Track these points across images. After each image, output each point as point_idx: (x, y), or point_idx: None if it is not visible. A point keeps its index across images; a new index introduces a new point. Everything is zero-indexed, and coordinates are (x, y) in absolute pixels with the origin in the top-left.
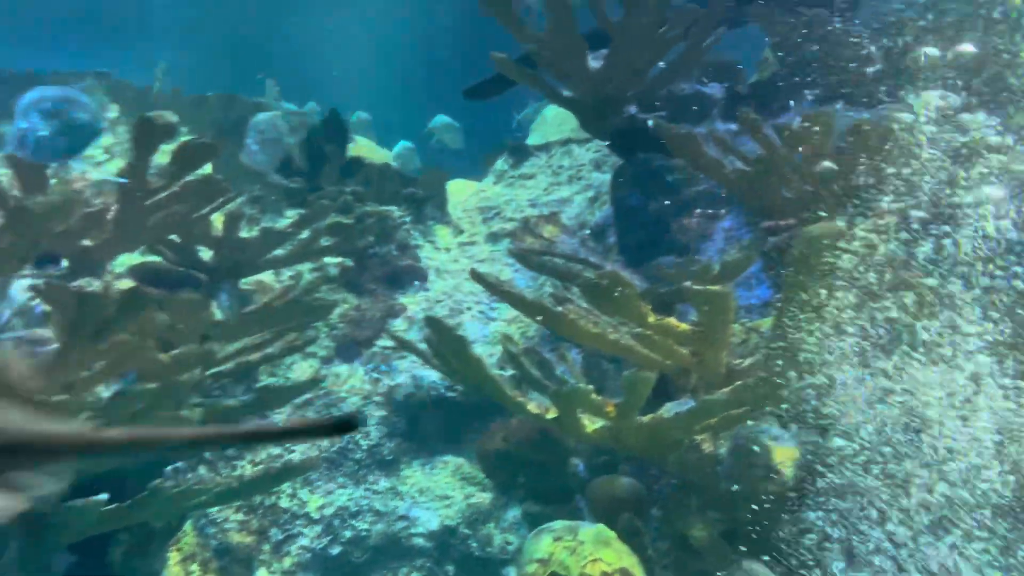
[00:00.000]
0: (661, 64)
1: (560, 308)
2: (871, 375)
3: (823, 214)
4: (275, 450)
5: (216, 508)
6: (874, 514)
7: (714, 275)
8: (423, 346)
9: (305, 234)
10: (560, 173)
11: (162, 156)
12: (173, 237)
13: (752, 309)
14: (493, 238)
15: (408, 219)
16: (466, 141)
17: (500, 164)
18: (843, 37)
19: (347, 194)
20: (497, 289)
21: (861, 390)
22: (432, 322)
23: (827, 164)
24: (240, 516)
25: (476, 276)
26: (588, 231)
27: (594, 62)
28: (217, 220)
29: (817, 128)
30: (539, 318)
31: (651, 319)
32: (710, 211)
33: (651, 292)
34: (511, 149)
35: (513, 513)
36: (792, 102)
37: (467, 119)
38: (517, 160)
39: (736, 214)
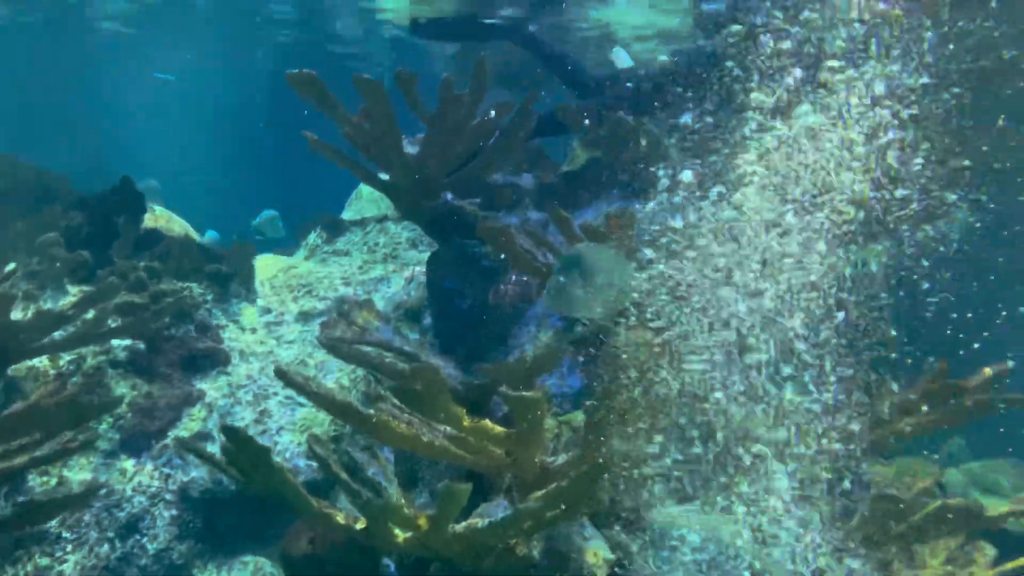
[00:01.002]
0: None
1: (370, 411)
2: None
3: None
4: (43, 560)
5: None
6: None
7: (527, 369)
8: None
9: (90, 314)
10: (376, 250)
11: None
12: None
13: (565, 398)
14: (304, 317)
15: (210, 297)
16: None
17: (313, 239)
18: (644, 135)
19: (140, 270)
20: (303, 389)
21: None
22: (229, 432)
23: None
24: None
25: (280, 374)
26: (403, 312)
27: (410, 148)
28: None
29: (620, 225)
30: (349, 420)
31: (465, 422)
32: (526, 279)
33: (467, 384)
34: (325, 224)
35: None
36: (600, 194)
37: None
38: (331, 235)
39: None
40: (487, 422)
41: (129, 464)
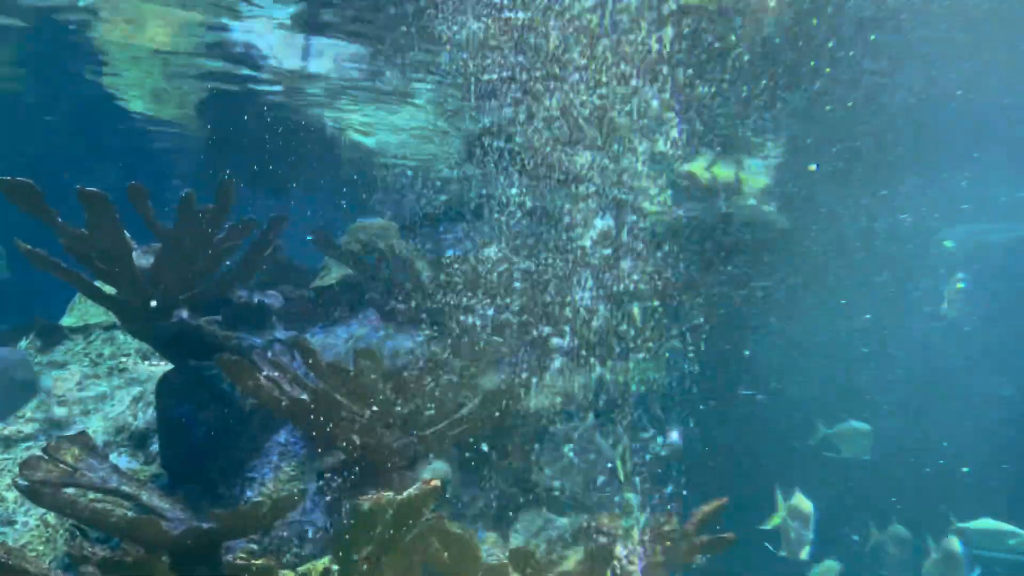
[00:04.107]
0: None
1: None
2: None
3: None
4: None
5: None
6: None
7: (264, 514)
8: None
9: None
10: (99, 363)
11: None
12: None
13: (305, 538)
14: (5, 443)
15: None
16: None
17: (24, 347)
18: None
19: None
20: None
21: None
22: None
23: None
24: None
25: None
26: (128, 436)
27: (143, 258)
28: None
29: (365, 365)
30: None
31: None
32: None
33: (195, 531)
34: (40, 330)
35: None
36: (353, 311)
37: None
38: (46, 344)
39: (292, 427)
40: None
41: None
